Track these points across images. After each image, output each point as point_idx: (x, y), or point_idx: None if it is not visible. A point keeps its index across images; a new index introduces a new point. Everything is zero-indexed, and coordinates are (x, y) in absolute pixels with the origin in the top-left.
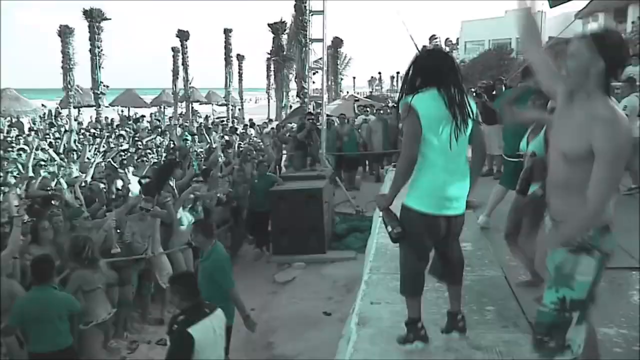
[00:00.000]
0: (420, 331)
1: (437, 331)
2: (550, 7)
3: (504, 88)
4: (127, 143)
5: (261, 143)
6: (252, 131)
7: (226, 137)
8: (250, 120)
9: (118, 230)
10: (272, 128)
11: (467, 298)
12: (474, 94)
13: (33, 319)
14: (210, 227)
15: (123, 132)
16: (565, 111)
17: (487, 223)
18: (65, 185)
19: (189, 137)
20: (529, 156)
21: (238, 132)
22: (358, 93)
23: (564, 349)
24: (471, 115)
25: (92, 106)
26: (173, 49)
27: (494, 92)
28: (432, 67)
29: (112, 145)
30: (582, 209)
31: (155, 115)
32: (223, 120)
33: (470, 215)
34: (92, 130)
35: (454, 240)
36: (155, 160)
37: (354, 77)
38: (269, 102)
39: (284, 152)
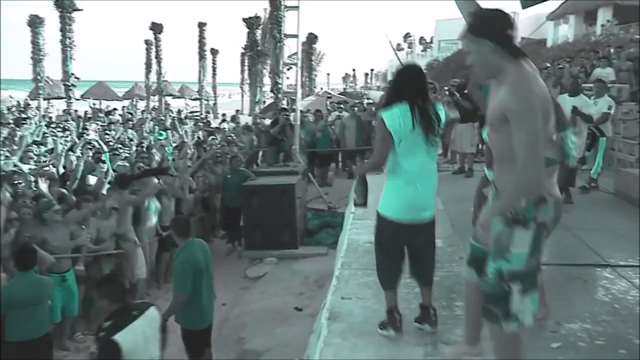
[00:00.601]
0: (396, 321)
1: (408, 325)
2: (523, 8)
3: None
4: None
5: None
6: (225, 126)
7: (199, 134)
8: (224, 115)
9: (83, 227)
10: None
11: (437, 294)
12: (447, 92)
13: (21, 303)
14: (184, 226)
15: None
16: (493, 94)
17: None
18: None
19: (163, 134)
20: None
21: (212, 126)
22: (333, 89)
23: (508, 317)
24: (439, 128)
25: (62, 98)
26: (146, 41)
27: (466, 91)
28: (404, 83)
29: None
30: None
31: (127, 109)
32: (196, 115)
33: (442, 212)
34: (64, 123)
35: (426, 244)
36: (127, 155)
37: (328, 74)
38: (242, 97)
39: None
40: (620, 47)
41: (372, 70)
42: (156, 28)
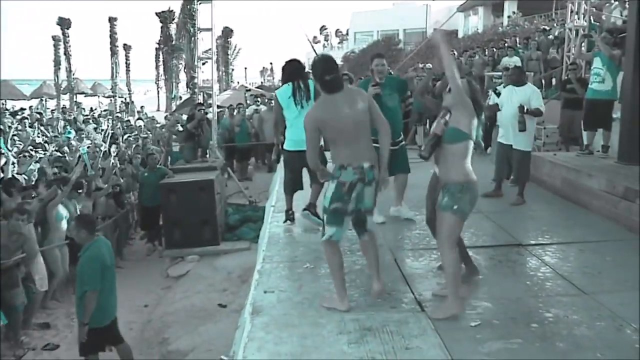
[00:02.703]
0: (290, 215)
1: (330, 314)
2: (433, 0)
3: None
4: None
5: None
6: (141, 123)
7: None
8: (139, 111)
9: None
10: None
11: (358, 282)
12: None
13: None
14: (91, 222)
15: None
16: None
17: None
18: None
19: (72, 133)
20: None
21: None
22: (251, 84)
23: (323, 233)
24: (308, 96)
25: None
26: (54, 37)
27: None
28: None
29: None
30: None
31: (36, 109)
32: (111, 113)
33: None
34: None
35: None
36: (42, 156)
37: (246, 68)
38: (158, 93)
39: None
40: (527, 38)
41: None
42: (64, 23)
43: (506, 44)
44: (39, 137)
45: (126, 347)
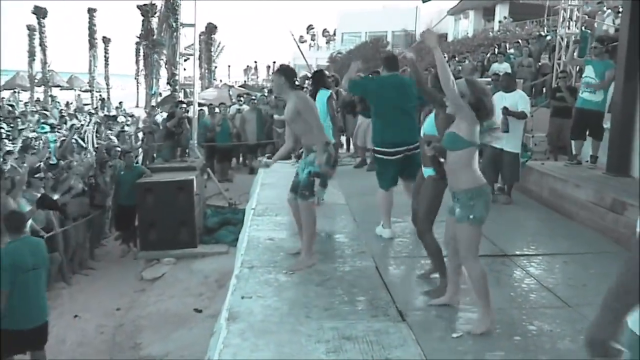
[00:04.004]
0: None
1: (309, 322)
2: (423, 3)
3: None
4: None
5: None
6: (122, 119)
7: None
8: (121, 103)
9: None
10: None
11: (339, 289)
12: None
13: None
14: (14, 221)
15: None
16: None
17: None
18: None
19: (46, 127)
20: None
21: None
22: (235, 82)
23: (312, 196)
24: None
25: None
26: (29, 27)
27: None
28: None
29: None
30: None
31: (7, 100)
32: (87, 107)
33: (343, 206)
34: None
35: None
36: (10, 149)
37: (229, 66)
38: (137, 89)
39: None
40: (517, 43)
41: (274, 62)
42: (39, 12)
43: (496, 50)
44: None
45: (42, 355)
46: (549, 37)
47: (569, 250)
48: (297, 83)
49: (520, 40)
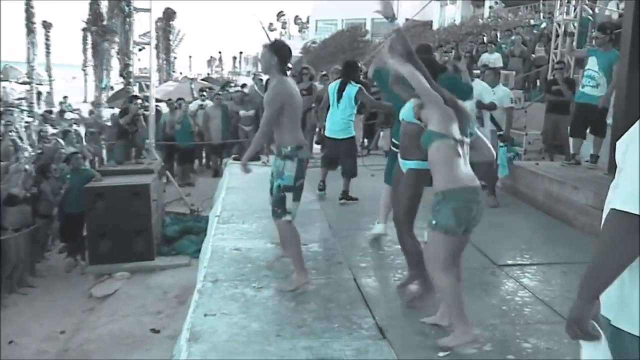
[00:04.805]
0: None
1: (279, 341)
2: None
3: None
4: None
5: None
6: (70, 115)
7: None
8: (65, 98)
9: None
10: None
11: (313, 304)
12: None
13: None
14: None
15: None
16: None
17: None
18: None
19: None
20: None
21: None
22: (198, 75)
23: (285, 213)
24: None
25: None
26: None
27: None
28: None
29: None
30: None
31: None
32: (24, 102)
33: (318, 213)
34: None
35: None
36: None
37: (190, 56)
38: (85, 81)
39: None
40: (509, 31)
41: (240, 53)
42: None
43: (485, 39)
44: None
45: None
46: (544, 25)
47: (567, 259)
48: (289, 66)
49: (512, 28)
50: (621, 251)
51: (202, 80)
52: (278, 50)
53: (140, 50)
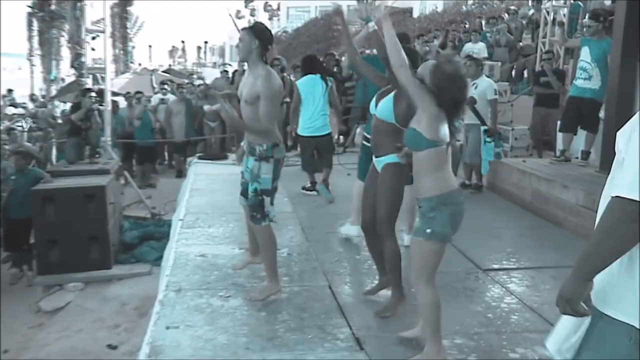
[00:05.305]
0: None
1: (249, 355)
2: None
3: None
4: None
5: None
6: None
7: None
8: (10, 91)
9: None
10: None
11: (285, 314)
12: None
13: None
14: None
15: None
16: (246, 75)
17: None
18: None
19: None
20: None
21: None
22: (160, 66)
23: (265, 218)
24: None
25: None
26: None
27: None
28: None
29: None
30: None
31: None
32: None
33: (290, 215)
34: None
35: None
36: None
37: (150, 46)
38: (32, 72)
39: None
40: (493, 19)
41: (206, 43)
42: None
43: (468, 27)
44: None
45: None
46: (532, 12)
47: (558, 263)
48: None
49: (497, 16)
50: (620, 236)
51: (164, 72)
52: (259, 34)
53: (93, 38)
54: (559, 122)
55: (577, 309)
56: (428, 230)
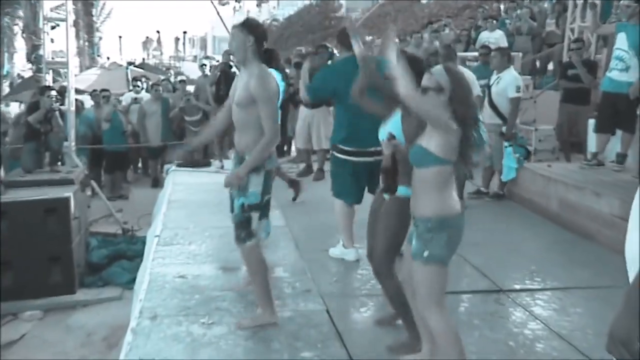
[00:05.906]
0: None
1: None
2: None
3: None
4: None
5: None
6: None
7: None
8: None
9: None
10: None
11: (276, 343)
12: (293, 65)
13: None
14: None
15: None
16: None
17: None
18: None
19: None
20: (387, 141)
21: None
22: (135, 60)
23: (252, 237)
24: None
25: None
26: None
27: None
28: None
29: None
30: (257, 143)
31: None
32: None
33: (282, 230)
34: None
35: None
36: None
37: (120, 37)
38: None
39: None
40: (513, 2)
41: (184, 33)
42: None
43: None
44: None
45: None
46: None
47: (590, 283)
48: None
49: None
50: None
51: (137, 66)
52: (253, 29)
53: (52, 28)
54: (591, 122)
55: (633, 351)
56: (425, 254)
